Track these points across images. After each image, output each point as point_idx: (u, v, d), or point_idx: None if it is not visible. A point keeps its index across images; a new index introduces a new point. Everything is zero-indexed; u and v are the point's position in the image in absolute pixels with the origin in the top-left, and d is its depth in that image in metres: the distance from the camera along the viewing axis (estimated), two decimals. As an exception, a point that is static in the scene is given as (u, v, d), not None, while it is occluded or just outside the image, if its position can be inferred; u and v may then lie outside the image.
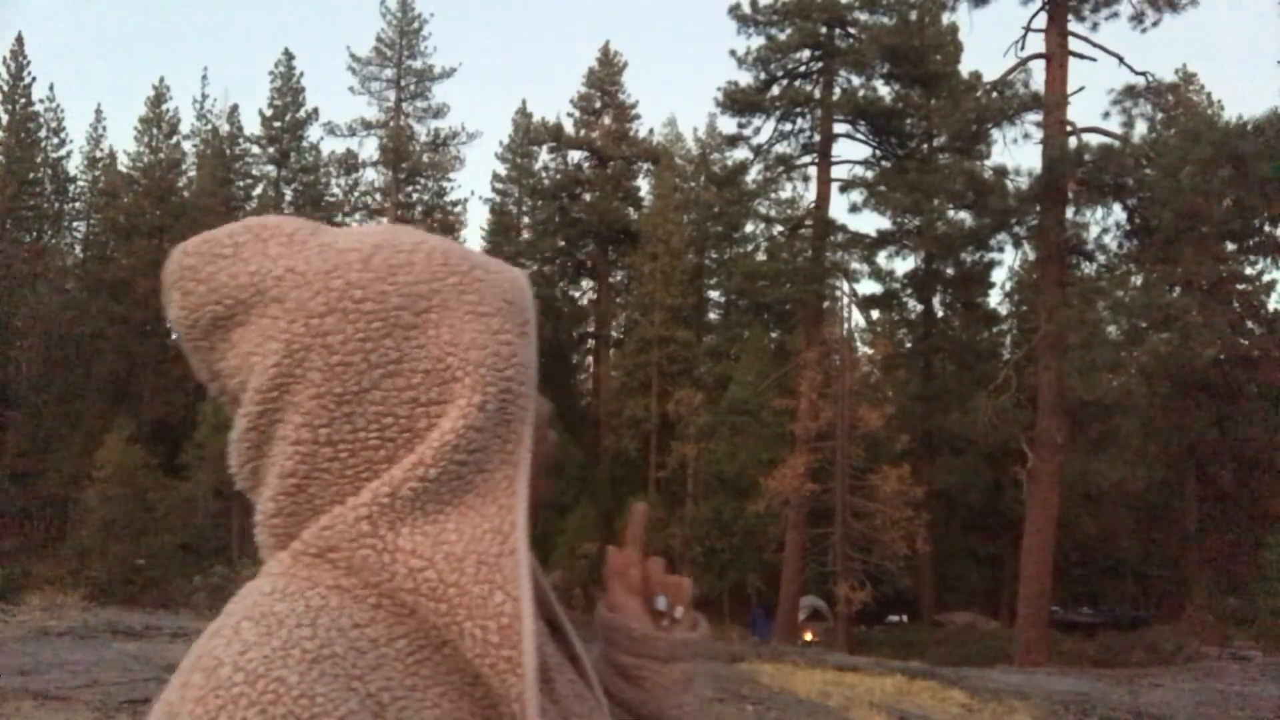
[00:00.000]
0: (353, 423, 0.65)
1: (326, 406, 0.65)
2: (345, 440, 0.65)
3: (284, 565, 0.65)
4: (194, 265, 0.68)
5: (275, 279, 0.66)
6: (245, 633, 0.59)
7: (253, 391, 0.66)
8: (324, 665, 0.58)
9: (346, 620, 0.62)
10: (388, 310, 0.66)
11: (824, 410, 27.75)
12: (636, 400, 38.13)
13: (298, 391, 0.65)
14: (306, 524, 0.66)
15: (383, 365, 0.65)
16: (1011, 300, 40.96)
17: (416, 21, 42.53)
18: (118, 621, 11.50)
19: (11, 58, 43.85)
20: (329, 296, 0.65)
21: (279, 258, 0.67)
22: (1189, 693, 13.15)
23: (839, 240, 31.81)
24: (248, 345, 0.66)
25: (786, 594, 29.00)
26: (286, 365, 0.65)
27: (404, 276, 0.67)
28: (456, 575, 0.64)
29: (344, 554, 0.64)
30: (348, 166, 43.26)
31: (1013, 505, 28.33)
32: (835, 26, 31.53)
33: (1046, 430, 23.50)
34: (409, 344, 0.66)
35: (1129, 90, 24.30)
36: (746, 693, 10.33)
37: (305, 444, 0.65)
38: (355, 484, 0.65)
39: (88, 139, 48.62)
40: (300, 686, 0.56)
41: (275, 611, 0.60)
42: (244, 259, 0.67)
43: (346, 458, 0.65)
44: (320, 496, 0.66)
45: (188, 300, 0.68)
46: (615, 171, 45.50)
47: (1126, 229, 25.37)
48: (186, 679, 0.57)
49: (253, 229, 0.69)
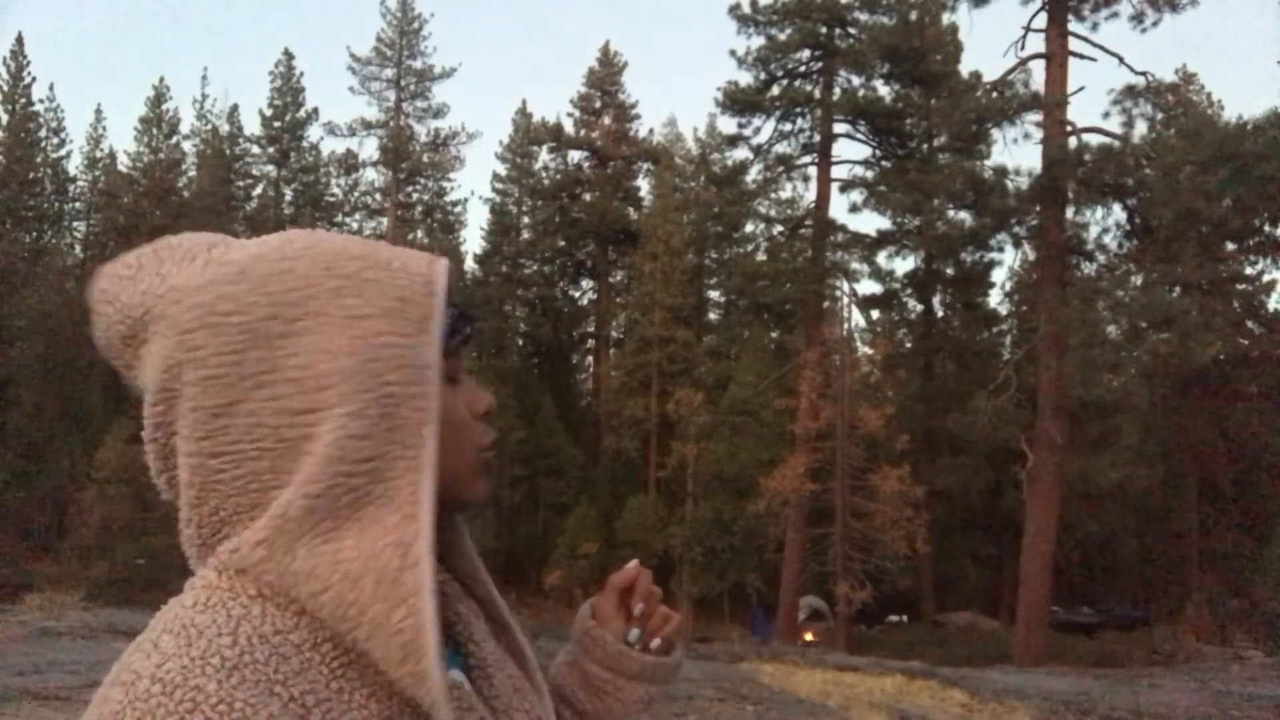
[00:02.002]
0: (229, 434, 0.65)
1: (203, 420, 0.65)
2: (227, 452, 0.65)
3: (208, 579, 0.66)
4: (105, 287, 0.71)
5: (158, 296, 0.67)
6: (164, 645, 0.59)
7: (146, 406, 0.68)
8: (244, 671, 0.58)
9: (269, 627, 0.62)
10: (255, 321, 0.65)
11: (824, 410, 27.75)
12: (636, 400, 38.10)
13: (178, 406, 0.67)
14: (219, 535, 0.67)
15: (252, 376, 0.65)
16: (1011, 300, 40.96)
17: (416, 21, 42.51)
18: (118, 621, 11.49)
19: (11, 58, 43.81)
20: (198, 311, 0.66)
21: (168, 275, 0.68)
22: (1189, 693, 13.14)
23: (839, 240, 31.80)
24: (145, 363, 0.69)
25: (786, 594, 28.99)
26: (165, 380, 0.67)
27: (276, 285, 0.66)
28: (355, 594, 0.63)
29: (255, 576, 0.65)
30: (348, 166, 43.25)
31: (1013, 505, 28.32)
32: (835, 26, 31.52)
33: (1046, 430, 23.49)
34: (278, 354, 0.65)
35: (1129, 90, 24.29)
36: (746, 693, 10.33)
37: (194, 456, 0.66)
38: (247, 496, 0.66)
39: (88, 139, 48.58)
40: (219, 694, 0.56)
41: (195, 623, 0.61)
42: (141, 278, 0.69)
43: (233, 469, 0.66)
44: (223, 508, 0.67)
45: (100, 322, 0.71)
46: (615, 171, 45.49)
47: (1126, 229, 25.37)
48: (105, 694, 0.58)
49: (157, 248, 0.71)
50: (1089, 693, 12.70)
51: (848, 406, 27.80)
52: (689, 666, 12.36)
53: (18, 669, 8.10)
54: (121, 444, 32.17)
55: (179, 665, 0.57)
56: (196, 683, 0.56)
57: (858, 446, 27.91)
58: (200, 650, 0.59)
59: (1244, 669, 16.98)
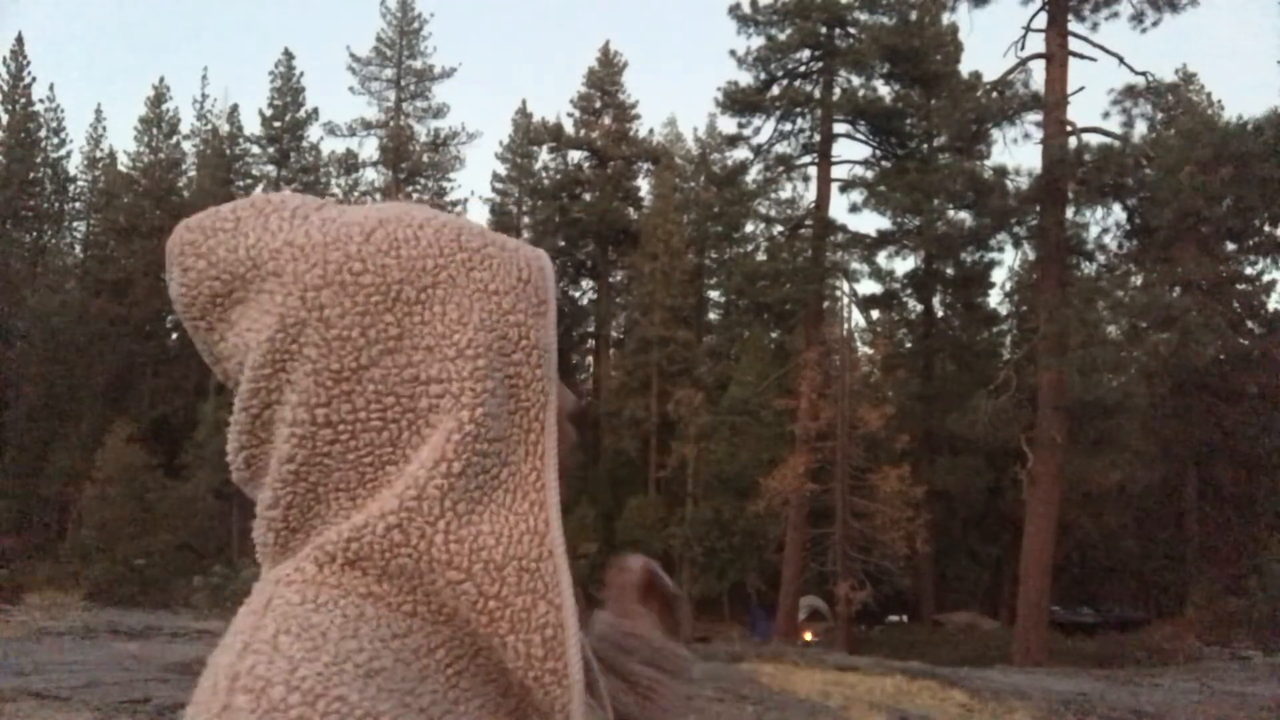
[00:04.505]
0: (352, 401, 0.61)
1: (324, 384, 0.61)
2: (345, 421, 0.61)
3: (308, 573, 0.60)
4: (194, 240, 0.65)
5: (273, 252, 0.63)
6: (287, 648, 0.53)
7: (248, 370, 0.62)
8: (378, 680, 0.54)
9: (386, 630, 0.58)
10: (389, 284, 0.62)
11: (824, 410, 27.75)
12: (636, 400, 38.11)
13: (294, 369, 0.61)
14: (309, 517, 0.62)
15: (382, 341, 0.62)
16: (1011, 300, 40.93)
17: (416, 21, 42.54)
18: (118, 621, 11.50)
19: (11, 58, 43.87)
20: (326, 269, 0.61)
21: (278, 231, 0.64)
22: (1189, 693, 13.14)
23: (839, 240, 31.81)
24: (245, 323, 0.63)
25: (786, 594, 28.99)
26: (281, 341, 0.61)
27: (408, 251, 0.63)
28: (497, 587, 0.61)
29: (377, 563, 0.60)
30: (348, 166, 43.24)
31: (1013, 505, 28.33)
32: (835, 26, 31.53)
33: (1046, 430, 23.49)
34: (411, 320, 0.62)
35: (1129, 90, 24.31)
36: (746, 693, 10.33)
37: (303, 425, 0.61)
38: (359, 470, 0.61)
39: (88, 139, 48.63)
40: (363, 705, 0.51)
41: (315, 623, 0.55)
42: (243, 232, 0.64)
43: (348, 440, 0.61)
44: (322, 484, 0.61)
45: (187, 277, 0.64)
46: (615, 171, 45.49)
47: (1126, 229, 25.39)
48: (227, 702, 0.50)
49: (256, 203, 0.66)
50: (1089, 693, 12.70)
51: (848, 406, 27.80)
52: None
53: (18, 669, 8.10)
54: (121, 444, 32.22)
55: (314, 672, 0.52)
56: (339, 692, 0.51)
57: (858, 446, 27.92)
58: (330, 656, 0.53)
59: (1244, 669, 16.97)
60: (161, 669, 9.26)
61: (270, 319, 0.61)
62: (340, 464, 0.61)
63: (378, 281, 0.62)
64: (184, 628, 12.90)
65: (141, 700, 7.48)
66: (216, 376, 0.67)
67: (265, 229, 0.64)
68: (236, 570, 27.80)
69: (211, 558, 31.40)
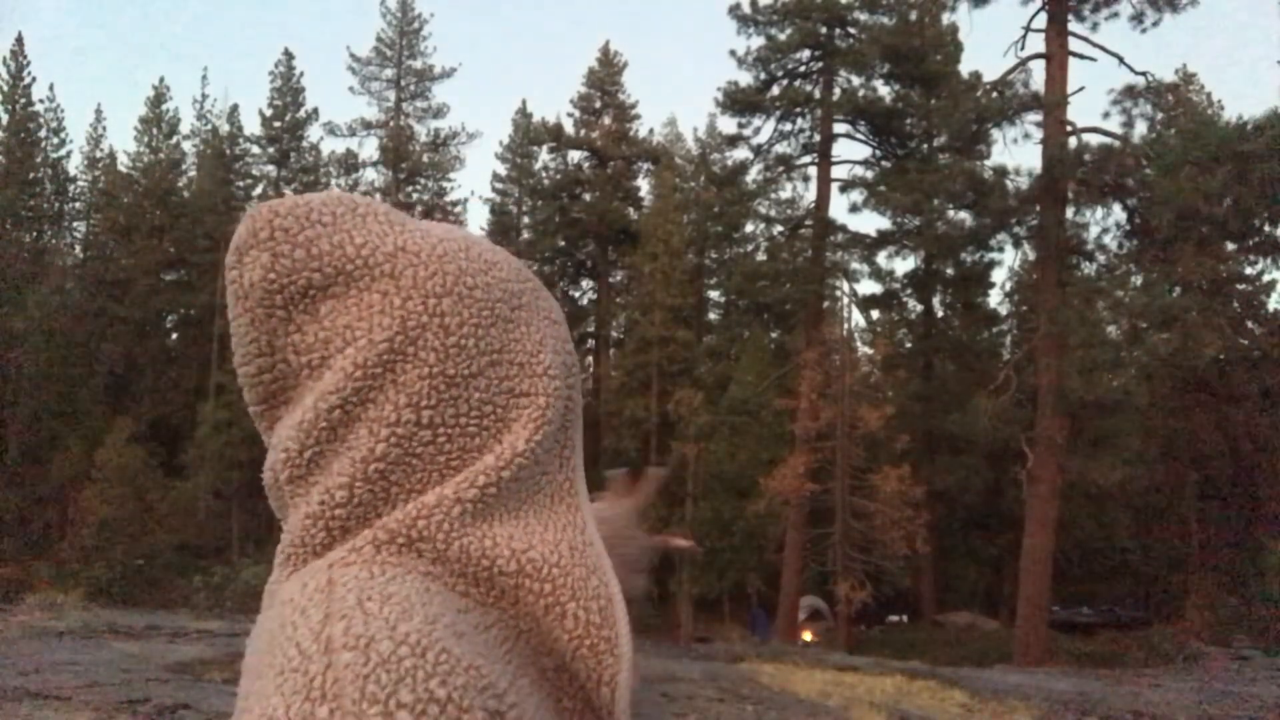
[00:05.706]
0: (456, 407, 0.64)
1: (436, 388, 0.64)
2: (445, 425, 0.64)
3: (367, 554, 0.60)
4: (288, 227, 0.64)
5: (386, 255, 0.65)
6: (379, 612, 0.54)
7: (351, 367, 0.62)
8: (464, 642, 0.56)
9: (450, 604, 0.59)
10: (493, 301, 0.67)
11: (824, 410, 27.75)
12: (636, 400, 38.10)
13: (406, 370, 0.63)
14: (370, 516, 0.62)
15: (489, 353, 0.66)
16: (1011, 300, 40.93)
17: (416, 21, 42.54)
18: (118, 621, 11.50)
19: (11, 58, 43.85)
20: (445, 279, 0.65)
21: (385, 234, 0.66)
22: (1189, 693, 13.13)
23: (839, 240, 31.82)
24: (344, 319, 0.63)
25: (786, 594, 29.00)
26: (399, 343, 0.63)
27: (499, 273, 0.69)
28: (557, 556, 0.65)
29: (438, 544, 0.61)
30: (348, 166, 43.23)
31: (1013, 505, 28.32)
32: (835, 26, 31.53)
33: (1046, 430, 23.49)
34: (508, 336, 0.68)
35: (1129, 90, 24.31)
36: (746, 693, 10.33)
37: (404, 426, 0.62)
38: (443, 472, 0.64)
39: (88, 139, 48.64)
40: (466, 658, 0.53)
41: (394, 592, 0.56)
42: (344, 230, 0.65)
43: (443, 443, 0.64)
44: (401, 484, 0.62)
45: (280, 263, 0.63)
46: (615, 171, 45.47)
47: (1126, 229, 25.38)
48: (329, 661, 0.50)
49: (345, 203, 0.67)
50: (1089, 693, 12.69)
51: (848, 406, 27.80)
52: (689, 666, 12.36)
53: (18, 669, 8.10)
54: (121, 444, 32.20)
55: (414, 627, 0.53)
56: (443, 645, 0.53)
57: (858, 446, 27.92)
58: (423, 616, 0.54)
59: (1244, 669, 16.96)
60: (161, 669, 9.27)
61: (388, 319, 0.63)
62: (428, 465, 0.64)
63: (486, 297, 0.67)
64: (184, 628, 12.90)
65: (141, 700, 7.48)
66: (246, 368, 0.65)
67: (370, 230, 0.66)
68: (236, 570, 27.82)
69: (211, 558, 31.43)
